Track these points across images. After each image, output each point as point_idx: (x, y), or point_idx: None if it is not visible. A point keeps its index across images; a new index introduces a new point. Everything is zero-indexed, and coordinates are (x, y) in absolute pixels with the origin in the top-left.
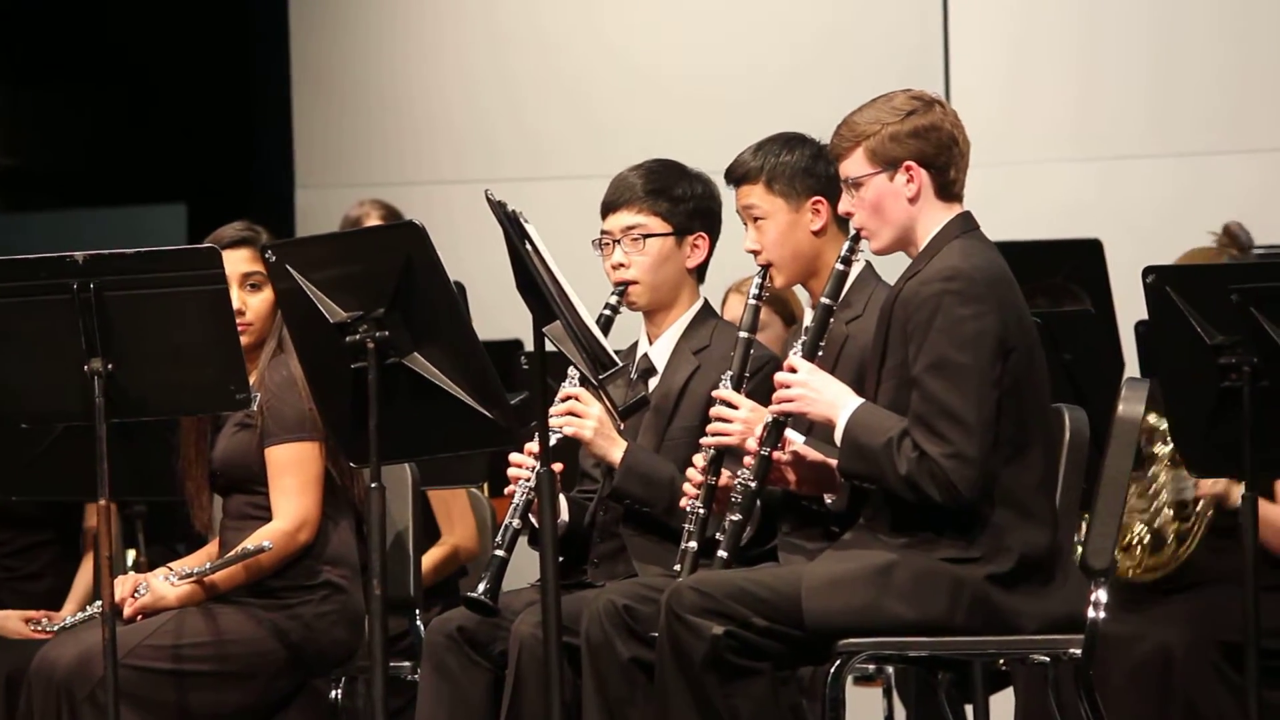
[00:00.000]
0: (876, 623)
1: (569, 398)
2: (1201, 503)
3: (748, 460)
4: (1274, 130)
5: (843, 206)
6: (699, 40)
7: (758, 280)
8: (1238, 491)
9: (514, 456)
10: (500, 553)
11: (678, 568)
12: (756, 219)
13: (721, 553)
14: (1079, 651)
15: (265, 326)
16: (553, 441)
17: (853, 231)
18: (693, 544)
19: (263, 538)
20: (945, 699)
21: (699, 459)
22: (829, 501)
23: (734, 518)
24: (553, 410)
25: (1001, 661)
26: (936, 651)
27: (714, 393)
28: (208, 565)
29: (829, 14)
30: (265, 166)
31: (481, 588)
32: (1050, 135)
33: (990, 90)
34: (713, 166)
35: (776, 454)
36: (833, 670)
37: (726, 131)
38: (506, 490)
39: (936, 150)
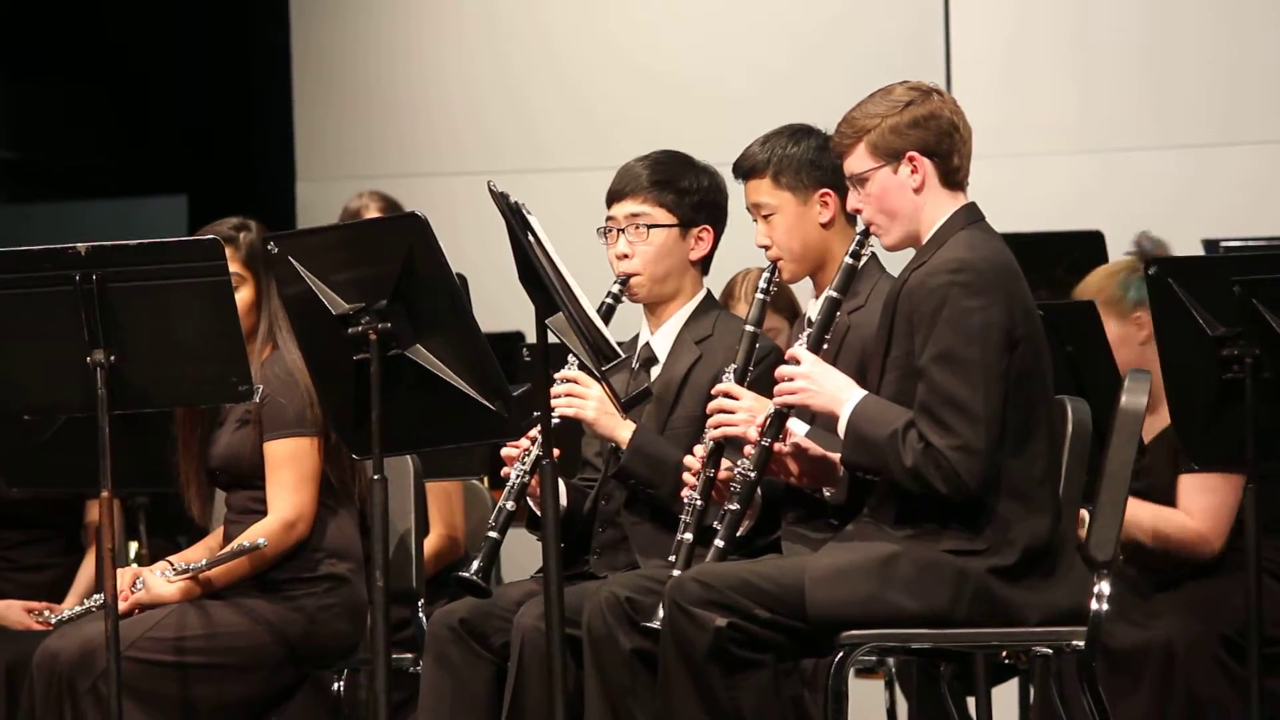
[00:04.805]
0: (879, 614)
1: (567, 380)
2: None
3: (748, 450)
4: (1271, 122)
5: (851, 203)
6: (699, 34)
7: (766, 275)
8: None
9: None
10: (493, 534)
11: (673, 558)
12: (766, 216)
13: (718, 541)
14: (1082, 644)
15: (247, 324)
16: (553, 425)
17: (861, 226)
18: (688, 535)
19: (258, 534)
20: (948, 691)
21: (698, 450)
22: (827, 494)
23: (732, 507)
24: (552, 391)
25: (1004, 654)
26: (939, 643)
27: (715, 388)
28: (203, 562)
29: (829, 9)
30: (266, 159)
31: (474, 566)
32: (1051, 128)
33: (990, 83)
34: (712, 160)
35: (777, 445)
36: (835, 662)
37: (726, 126)
38: (503, 472)
39: (938, 138)
